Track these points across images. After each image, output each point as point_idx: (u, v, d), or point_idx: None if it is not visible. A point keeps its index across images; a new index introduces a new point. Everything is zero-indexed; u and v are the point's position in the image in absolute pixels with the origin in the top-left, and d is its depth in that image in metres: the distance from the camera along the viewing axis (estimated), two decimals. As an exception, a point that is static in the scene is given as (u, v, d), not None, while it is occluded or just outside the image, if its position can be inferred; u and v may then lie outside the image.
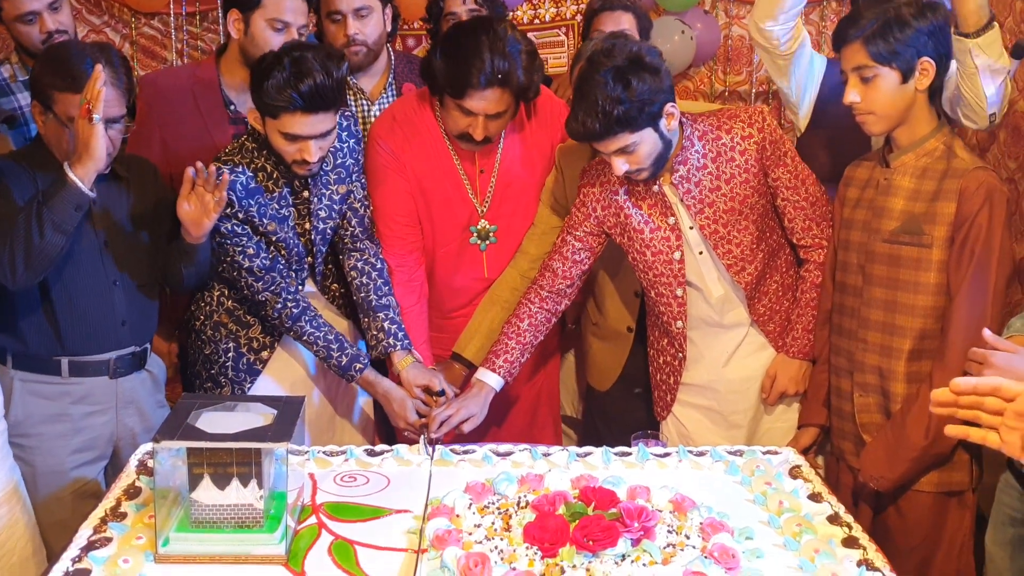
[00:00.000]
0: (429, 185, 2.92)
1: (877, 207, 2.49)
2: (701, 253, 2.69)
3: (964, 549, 2.52)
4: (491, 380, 2.79)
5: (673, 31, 4.34)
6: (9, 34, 3.30)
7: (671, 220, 2.67)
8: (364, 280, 2.87)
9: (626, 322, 3.07)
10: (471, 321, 3.03)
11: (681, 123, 2.59)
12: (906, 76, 2.38)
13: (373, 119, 3.16)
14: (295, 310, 2.72)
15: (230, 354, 2.80)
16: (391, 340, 2.79)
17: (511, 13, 4.99)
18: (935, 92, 2.43)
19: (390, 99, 3.22)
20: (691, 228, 2.67)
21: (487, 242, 3.00)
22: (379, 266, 2.90)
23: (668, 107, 2.49)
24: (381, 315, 2.82)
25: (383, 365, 2.90)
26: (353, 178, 2.84)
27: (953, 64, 2.59)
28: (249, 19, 2.90)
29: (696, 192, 2.63)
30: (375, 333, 2.82)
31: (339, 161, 2.78)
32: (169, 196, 2.75)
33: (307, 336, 2.73)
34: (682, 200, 2.64)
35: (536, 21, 4.97)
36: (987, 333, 2.02)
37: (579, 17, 4.78)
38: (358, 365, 2.75)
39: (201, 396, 2.34)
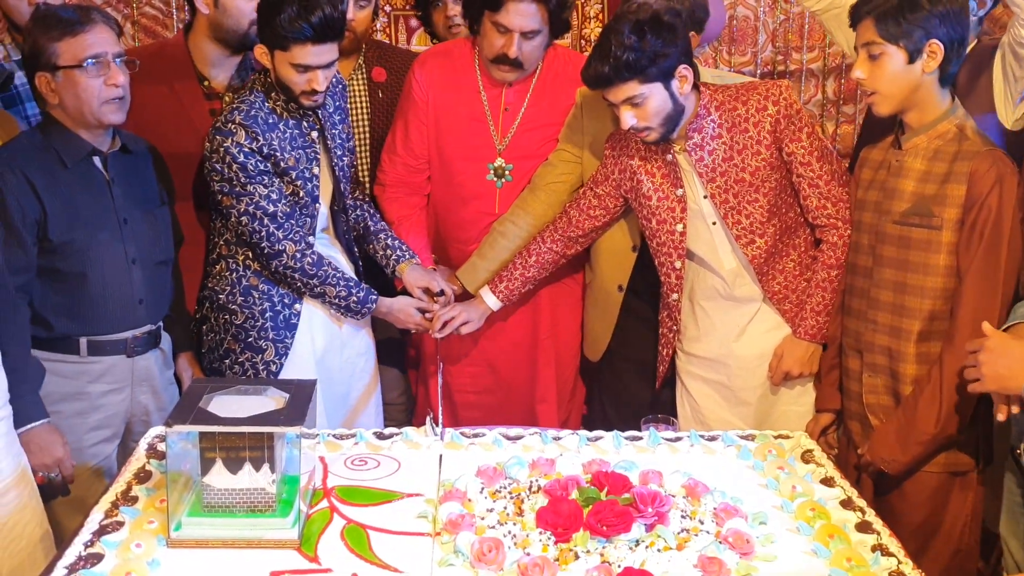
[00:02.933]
0: (449, 114, 3.06)
1: (888, 188, 2.49)
2: (714, 224, 2.72)
3: (967, 530, 2.52)
4: (489, 300, 3.01)
5: (679, 11, 4.31)
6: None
7: (679, 192, 2.71)
8: (359, 213, 3.06)
9: (617, 280, 3.08)
10: (477, 254, 3.11)
11: (700, 91, 2.65)
12: (912, 57, 2.37)
13: None
14: (314, 256, 2.79)
15: (267, 314, 2.81)
16: (397, 254, 3.00)
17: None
18: (947, 75, 2.41)
19: (358, 82, 3.32)
20: (705, 197, 2.70)
21: (503, 180, 3.10)
22: (368, 200, 3.12)
23: (682, 68, 2.55)
24: (382, 235, 3.04)
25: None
26: (347, 119, 2.98)
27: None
28: None
29: (709, 161, 2.66)
30: (383, 253, 3.02)
31: (338, 103, 2.91)
32: (171, 178, 2.84)
33: (330, 279, 2.80)
34: (695, 168, 2.67)
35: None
36: (986, 326, 2.11)
37: (583, -2, 4.75)
38: (373, 296, 2.88)
39: (212, 380, 2.33)
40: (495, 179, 3.10)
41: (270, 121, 2.69)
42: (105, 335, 2.63)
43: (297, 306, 2.85)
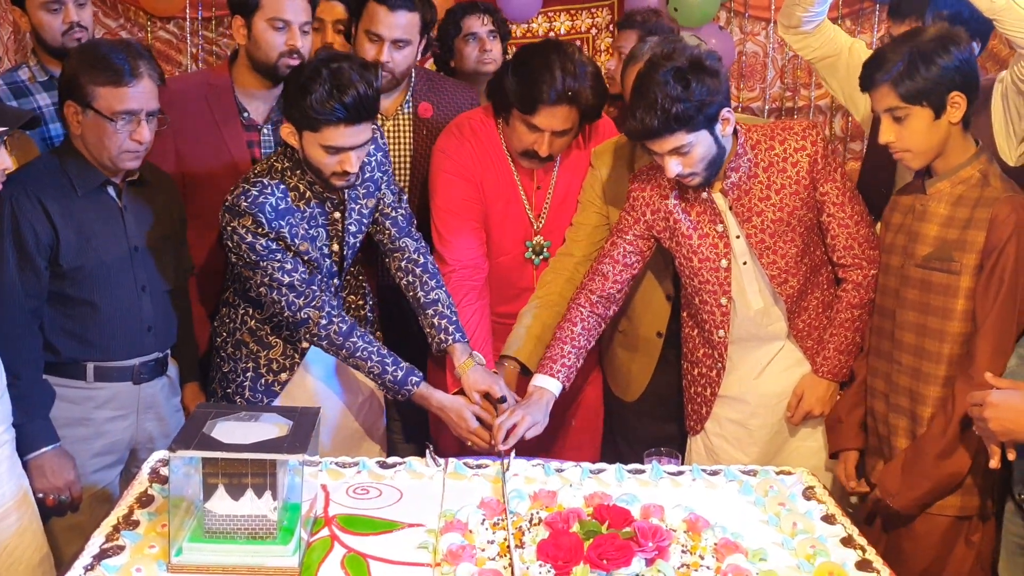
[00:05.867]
0: (490, 198, 2.99)
1: (913, 232, 2.50)
2: (745, 263, 2.70)
3: (973, 574, 2.51)
4: (551, 386, 2.72)
5: (687, 46, 4.35)
6: (30, 26, 3.28)
7: (719, 227, 2.69)
8: (410, 279, 2.83)
9: (656, 327, 3.05)
10: (518, 324, 2.98)
11: (736, 131, 2.63)
12: (938, 112, 2.37)
13: (386, 134, 3.20)
14: (343, 326, 2.62)
15: (248, 374, 2.74)
16: (443, 336, 2.74)
17: (527, 26, 5.02)
18: (968, 121, 2.43)
19: (405, 116, 3.25)
20: (737, 237, 2.68)
21: (541, 257, 3.06)
22: (422, 261, 2.86)
23: (724, 112, 2.52)
24: (430, 311, 2.78)
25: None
26: (382, 188, 2.81)
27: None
28: (251, 23, 2.92)
29: (746, 200, 2.65)
30: (428, 331, 2.77)
31: (367, 175, 2.74)
32: (183, 208, 2.84)
33: (360, 352, 2.62)
34: (731, 208, 2.66)
35: (551, 34, 4.98)
36: (989, 376, 2.14)
37: (594, 31, 4.80)
38: (414, 378, 2.66)
39: (217, 405, 2.34)
40: (533, 256, 3.05)
41: (281, 207, 2.55)
42: (112, 361, 2.63)
43: (284, 375, 2.74)
